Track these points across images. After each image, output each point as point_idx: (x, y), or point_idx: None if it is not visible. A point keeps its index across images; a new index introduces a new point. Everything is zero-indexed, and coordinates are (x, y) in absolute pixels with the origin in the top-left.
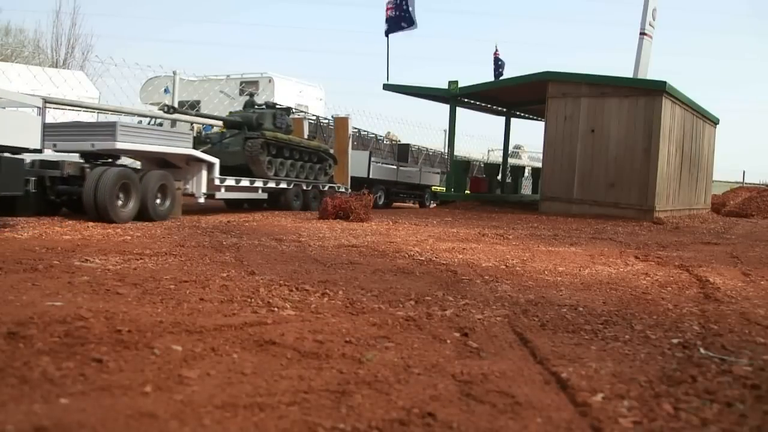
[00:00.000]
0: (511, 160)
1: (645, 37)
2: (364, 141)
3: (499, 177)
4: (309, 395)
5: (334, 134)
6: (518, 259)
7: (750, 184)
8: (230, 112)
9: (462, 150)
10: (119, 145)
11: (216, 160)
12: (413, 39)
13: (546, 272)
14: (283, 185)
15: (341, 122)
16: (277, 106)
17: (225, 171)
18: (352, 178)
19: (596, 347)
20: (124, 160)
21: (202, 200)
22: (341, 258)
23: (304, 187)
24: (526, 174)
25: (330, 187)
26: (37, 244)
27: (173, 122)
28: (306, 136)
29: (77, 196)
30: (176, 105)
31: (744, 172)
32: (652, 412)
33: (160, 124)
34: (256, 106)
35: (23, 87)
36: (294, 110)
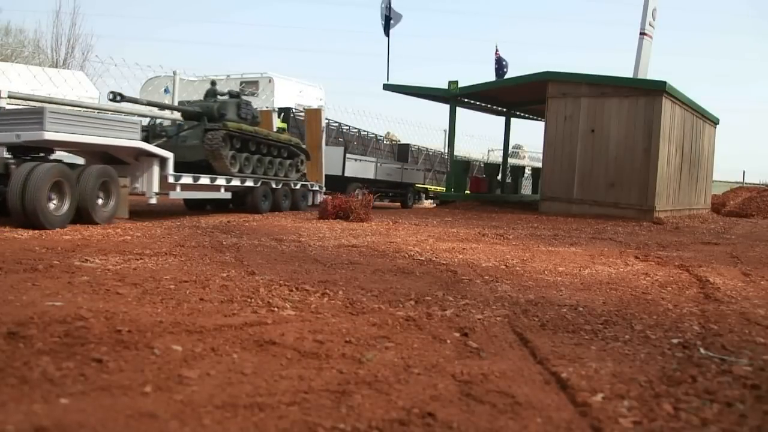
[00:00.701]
0: (511, 160)
1: (645, 37)
2: (364, 141)
3: (499, 177)
4: (309, 395)
5: (306, 127)
6: (518, 259)
7: (750, 184)
8: (188, 102)
9: (462, 150)
10: (48, 136)
11: (169, 155)
12: (413, 39)
13: (546, 272)
14: (249, 183)
15: (313, 114)
16: (242, 96)
17: (183, 167)
18: (326, 176)
19: (596, 347)
20: (71, 159)
21: (153, 200)
22: (341, 258)
23: (273, 186)
24: (526, 174)
25: (302, 185)
26: (37, 244)
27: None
28: (275, 129)
29: (2, 197)
30: (176, 104)
31: (744, 172)
32: (652, 412)
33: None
34: (218, 95)
35: (23, 87)
36: (294, 110)
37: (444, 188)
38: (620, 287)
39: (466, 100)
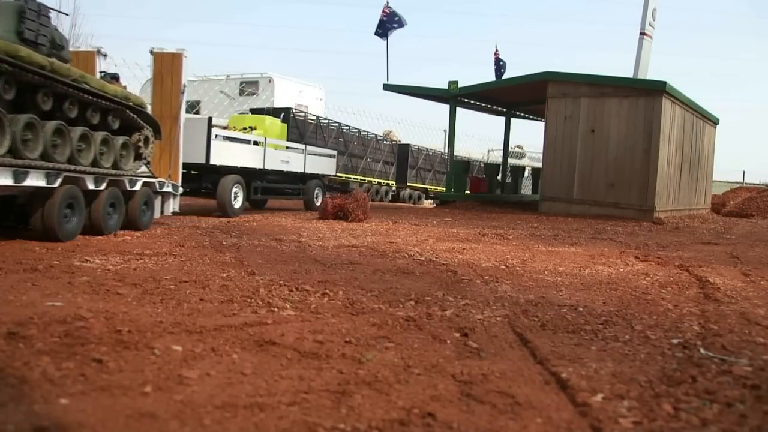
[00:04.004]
0: (511, 160)
1: (645, 37)
2: (364, 141)
3: (499, 177)
4: (309, 395)
5: (152, 85)
6: (518, 259)
7: (750, 184)
8: None
9: (462, 150)
10: None
11: None
12: (413, 39)
13: (546, 272)
14: (35, 181)
15: (166, 61)
16: (44, 7)
17: None
18: (184, 165)
19: (596, 347)
20: None
21: None
22: (341, 258)
23: (90, 185)
24: (526, 174)
25: (146, 183)
26: (37, 244)
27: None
28: (99, 75)
29: None
30: None
31: (744, 172)
32: (652, 412)
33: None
34: None
35: None
36: (294, 111)
37: (444, 188)
38: (620, 287)
39: (466, 100)
